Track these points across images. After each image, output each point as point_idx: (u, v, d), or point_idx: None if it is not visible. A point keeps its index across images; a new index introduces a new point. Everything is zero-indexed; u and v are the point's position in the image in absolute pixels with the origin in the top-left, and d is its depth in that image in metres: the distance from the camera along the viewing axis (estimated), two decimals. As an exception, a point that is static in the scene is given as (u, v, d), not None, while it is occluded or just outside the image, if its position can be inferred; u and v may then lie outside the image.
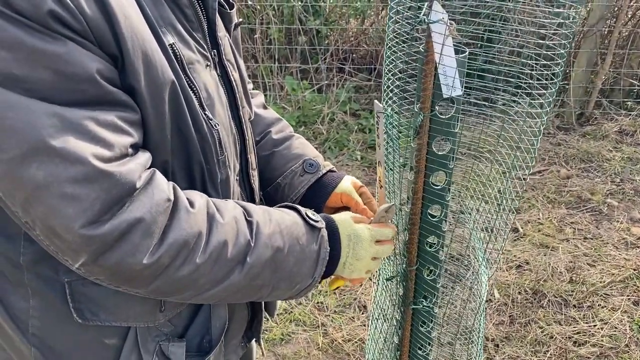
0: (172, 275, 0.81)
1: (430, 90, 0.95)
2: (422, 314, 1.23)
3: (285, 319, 2.78)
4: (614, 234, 3.35)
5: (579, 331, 2.69)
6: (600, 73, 4.55)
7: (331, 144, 4.33)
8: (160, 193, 0.78)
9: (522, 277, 3.02)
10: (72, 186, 0.70)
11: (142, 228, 0.75)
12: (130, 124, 0.77)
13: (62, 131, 0.69)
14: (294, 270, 0.94)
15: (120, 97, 0.76)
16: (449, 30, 0.87)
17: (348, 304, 2.88)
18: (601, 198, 3.68)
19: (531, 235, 3.33)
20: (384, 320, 1.38)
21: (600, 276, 3.02)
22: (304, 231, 0.96)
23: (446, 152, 1.03)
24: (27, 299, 0.90)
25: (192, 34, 0.90)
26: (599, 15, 4.36)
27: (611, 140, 4.36)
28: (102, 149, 0.72)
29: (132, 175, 0.75)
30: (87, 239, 0.72)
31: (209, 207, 0.86)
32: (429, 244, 1.15)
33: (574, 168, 4.06)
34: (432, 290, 1.20)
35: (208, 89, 0.91)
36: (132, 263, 0.76)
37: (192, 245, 0.81)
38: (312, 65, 4.85)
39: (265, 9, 4.68)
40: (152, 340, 0.97)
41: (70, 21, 0.69)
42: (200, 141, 0.89)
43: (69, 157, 0.69)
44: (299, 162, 1.20)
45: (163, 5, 0.85)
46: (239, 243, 0.86)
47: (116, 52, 0.75)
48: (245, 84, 1.12)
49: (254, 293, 0.93)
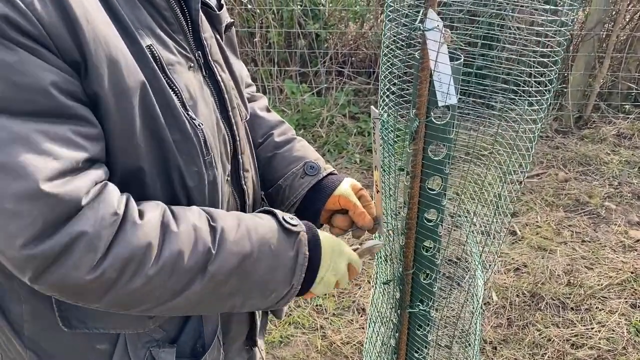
0: (123, 288, 0.78)
1: (426, 97, 0.96)
2: (419, 317, 1.24)
3: (284, 321, 2.79)
4: (611, 237, 3.36)
5: (576, 334, 2.70)
6: (599, 77, 4.57)
7: (330, 147, 4.34)
8: (107, 207, 0.76)
9: (520, 280, 3.03)
10: (14, 202, 0.68)
11: (85, 242, 0.73)
12: (86, 138, 0.75)
13: (9, 145, 0.68)
14: (267, 278, 0.91)
15: (77, 111, 0.74)
16: (444, 38, 0.89)
17: (347, 307, 2.89)
18: (599, 201, 3.69)
19: (529, 238, 3.35)
20: (381, 323, 1.39)
21: (597, 279, 3.03)
22: (277, 236, 0.93)
23: (442, 158, 1.04)
24: (20, 304, 0.91)
25: (172, 36, 0.89)
26: (596, 19, 4.37)
27: (609, 143, 4.38)
28: (51, 163, 0.70)
29: (78, 192, 0.73)
30: (29, 256, 0.71)
31: (163, 216, 0.83)
32: (426, 248, 1.17)
33: (572, 171, 4.07)
34: (429, 294, 1.21)
35: (190, 90, 0.90)
36: (76, 277, 0.74)
37: (140, 257, 0.78)
38: (312, 69, 4.86)
39: (265, 13, 4.70)
40: (143, 346, 0.97)
41: (26, 27, 0.68)
42: (181, 142, 0.87)
43: (13, 173, 0.68)
44: (300, 164, 1.20)
45: (139, 9, 0.84)
46: (197, 251, 0.83)
47: (78, 58, 0.73)
48: (238, 84, 1.10)
49: (223, 303, 0.90)
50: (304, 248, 0.95)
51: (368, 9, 5.04)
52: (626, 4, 4.47)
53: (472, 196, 1.15)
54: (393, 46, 0.95)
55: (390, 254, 1.18)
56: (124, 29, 0.80)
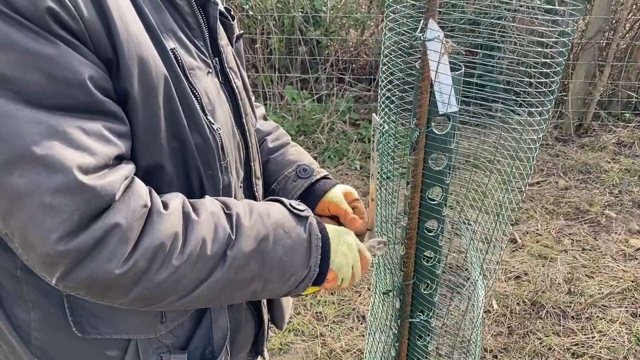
0: (152, 279, 0.79)
1: (426, 107, 0.96)
2: (419, 327, 1.23)
3: (284, 329, 2.78)
4: (612, 246, 3.35)
5: (577, 343, 2.69)
6: (599, 85, 4.58)
7: (330, 154, 4.34)
8: (137, 199, 0.77)
9: (520, 288, 3.02)
10: (52, 196, 0.69)
11: (118, 234, 0.74)
12: (117, 135, 0.76)
13: (47, 139, 0.68)
14: (285, 260, 0.92)
15: (110, 107, 0.75)
16: (444, 48, 0.88)
17: (347, 314, 2.88)
18: (599, 209, 3.69)
19: (530, 246, 3.34)
20: (381, 332, 1.39)
21: (598, 287, 3.02)
22: (289, 219, 0.94)
23: (442, 168, 1.04)
24: (28, 311, 0.90)
25: (194, 41, 0.91)
26: (597, 28, 4.38)
27: (609, 151, 4.38)
28: (86, 158, 0.71)
29: (113, 187, 0.74)
30: (64, 251, 0.71)
31: (184, 206, 0.84)
32: (426, 258, 1.16)
33: (572, 179, 4.07)
34: (429, 304, 1.21)
35: (209, 95, 0.92)
36: (108, 270, 0.74)
37: (168, 247, 0.79)
38: (312, 75, 4.87)
39: (266, 19, 4.71)
40: (154, 352, 0.97)
41: (68, 21, 0.69)
42: (201, 146, 0.89)
43: (52, 166, 0.68)
44: (293, 167, 1.20)
45: (164, 12, 0.86)
46: (218, 238, 0.84)
47: (111, 56, 0.74)
48: (248, 93, 1.13)
49: (245, 287, 0.90)
50: (315, 230, 0.96)
51: (369, 15, 5.05)
52: (626, 12, 4.48)
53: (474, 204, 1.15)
54: (392, 55, 0.95)
55: (390, 264, 1.18)
56: (151, 31, 0.81)
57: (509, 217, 1.05)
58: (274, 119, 4.71)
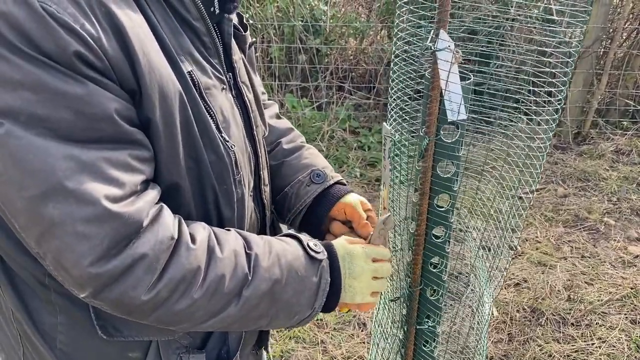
0: (170, 308, 0.84)
1: (436, 115, 0.98)
2: (426, 333, 1.25)
3: (284, 335, 2.79)
4: (611, 253, 3.38)
5: (577, 349, 2.71)
6: (597, 93, 4.61)
7: (331, 161, 4.36)
8: (165, 231, 0.81)
9: (520, 295, 3.04)
10: (84, 225, 0.74)
11: (145, 264, 0.79)
12: (142, 161, 0.81)
13: (78, 173, 0.73)
14: (293, 301, 0.96)
15: (135, 136, 0.80)
16: (454, 58, 0.90)
17: (348, 321, 2.89)
18: (598, 217, 3.71)
19: (529, 254, 3.36)
20: (385, 340, 1.40)
21: (598, 294, 3.04)
22: (304, 263, 0.97)
23: (450, 175, 1.06)
24: (55, 315, 0.94)
25: (209, 60, 0.94)
26: (594, 37, 4.43)
27: (607, 159, 4.41)
28: (114, 189, 0.76)
29: (140, 214, 0.78)
30: (94, 275, 0.76)
31: (210, 240, 0.88)
32: (433, 264, 1.18)
33: (571, 187, 4.10)
34: (436, 310, 1.22)
35: (224, 112, 0.95)
36: (133, 297, 0.80)
37: (189, 280, 0.83)
38: (312, 84, 4.90)
39: (266, 28, 4.74)
40: (173, 352, 1.00)
41: (94, 61, 0.73)
42: (216, 163, 0.92)
43: (83, 198, 0.73)
44: (307, 172, 1.22)
45: (182, 35, 0.88)
46: (237, 277, 0.89)
47: (135, 87, 0.78)
48: (259, 103, 1.15)
49: (252, 323, 0.95)
50: (326, 274, 1.00)
51: (368, 25, 5.09)
52: (623, 22, 4.53)
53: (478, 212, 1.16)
54: (402, 64, 0.97)
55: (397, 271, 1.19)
56: (169, 56, 0.84)
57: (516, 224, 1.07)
58: (273, 126, 4.73)
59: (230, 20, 1.00)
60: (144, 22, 0.81)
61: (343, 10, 5.18)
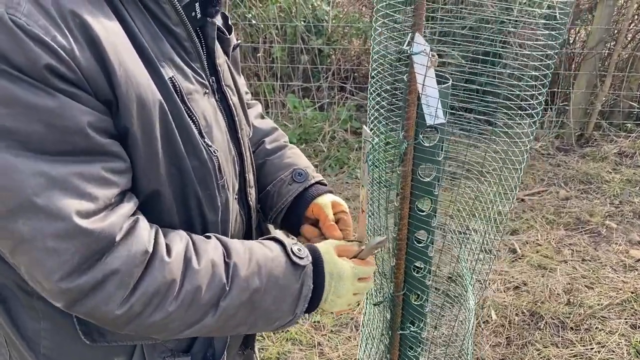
0: (145, 321, 0.83)
1: (414, 119, 0.97)
2: (410, 338, 1.24)
3: (281, 337, 2.78)
4: (612, 256, 3.34)
5: (576, 354, 2.68)
6: (600, 95, 4.58)
7: (331, 162, 4.35)
8: (139, 245, 0.80)
9: (519, 299, 3.01)
10: (54, 241, 0.74)
11: (117, 279, 0.78)
12: (117, 173, 0.80)
13: (48, 189, 0.72)
14: (272, 309, 0.95)
15: (110, 148, 0.79)
16: (430, 62, 0.89)
17: (345, 324, 2.88)
18: (600, 220, 3.68)
19: (529, 257, 3.33)
20: (373, 343, 1.39)
21: (598, 298, 3.01)
22: (285, 270, 0.96)
23: (431, 179, 1.05)
24: (39, 321, 0.94)
25: (190, 65, 0.93)
26: (598, 38, 4.39)
27: (610, 161, 4.37)
28: (86, 204, 0.75)
29: (113, 229, 0.78)
30: (64, 290, 0.76)
31: (187, 251, 0.88)
32: (416, 269, 1.17)
33: (573, 189, 4.07)
34: (420, 315, 1.21)
35: (206, 117, 0.94)
36: (106, 311, 0.80)
37: (163, 293, 0.83)
38: (314, 84, 4.89)
39: (269, 28, 4.74)
40: (158, 356, 1.00)
41: (66, 73, 0.72)
42: (199, 168, 0.91)
43: (53, 214, 0.73)
44: (289, 171, 1.22)
45: (162, 41, 0.88)
46: (213, 288, 0.88)
47: (111, 98, 0.77)
48: (244, 105, 1.15)
49: (230, 330, 0.95)
50: (309, 280, 0.99)
51: (371, 25, 5.07)
52: (627, 23, 4.49)
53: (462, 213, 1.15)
54: (380, 69, 0.96)
55: (381, 275, 1.18)
56: (149, 63, 0.84)
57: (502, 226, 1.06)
58: (275, 127, 4.72)
59: (213, 24, 1.00)
60: (120, 31, 0.80)
61: (346, 10, 5.17)
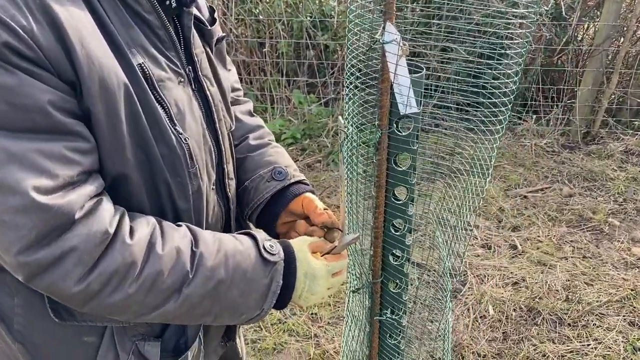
0: (104, 301, 0.85)
1: (387, 108, 0.99)
2: (388, 326, 1.25)
3: (279, 329, 2.81)
4: (613, 254, 3.33)
5: (572, 350, 2.68)
6: (607, 92, 4.54)
7: (335, 157, 4.37)
8: (99, 225, 0.82)
9: (517, 294, 3.02)
10: (11, 215, 0.75)
11: (75, 256, 0.80)
12: (80, 153, 0.81)
13: (6, 164, 0.74)
14: (239, 302, 0.97)
15: (72, 128, 0.80)
16: (401, 50, 0.91)
17: (342, 316, 2.90)
18: (603, 217, 3.66)
19: (529, 253, 3.33)
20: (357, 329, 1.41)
21: (597, 295, 3.00)
22: (254, 264, 0.98)
23: (406, 168, 1.06)
24: (12, 297, 0.97)
25: (165, 53, 0.95)
26: (605, 35, 4.36)
27: (616, 159, 4.34)
28: (45, 180, 0.77)
29: (72, 206, 0.79)
30: (22, 263, 0.78)
31: (152, 236, 0.89)
32: (394, 257, 1.18)
33: (576, 186, 4.05)
34: (398, 303, 1.22)
35: (179, 104, 0.95)
36: (63, 287, 0.81)
37: (123, 274, 0.84)
38: (320, 79, 4.91)
39: (275, 24, 4.76)
40: (129, 339, 1.02)
41: (25, 51, 0.74)
42: (168, 155, 0.93)
43: (10, 189, 0.75)
44: (269, 168, 1.22)
45: (133, 28, 0.90)
46: (176, 274, 0.89)
47: (74, 79, 0.79)
48: (225, 97, 1.15)
49: (195, 319, 0.97)
50: (278, 277, 1.00)
51: (377, 21, 5.07)
52: (635, 19, 4.45)
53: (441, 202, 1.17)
54: (355, 60, 0.97)
55: (360, 263, 1.20)
56: (117, 49, 0.85)
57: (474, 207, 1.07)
58: (280, 122, 4.75)
59: (190, 14, 1.01)
60: (86, 16, 0.82)
61: (352, 6, 5.17)
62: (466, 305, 2.97)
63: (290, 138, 4.58)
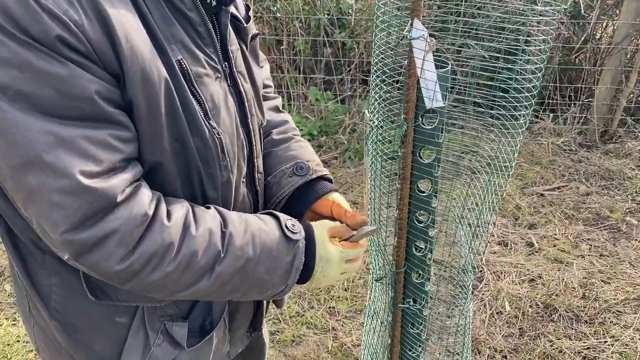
0: (144, 279, 0.91)
1: (414, 102, 1.02)
2: (411, 315, 1.29)
3: (297, 321, 2.86)
4: (631, 252, 3.33)
5: (588, 347, 2.69)
6: (625, 91, 4.52)
7: (351, 154, 4.40)
8: (139, 208, 0.87)
9: (534, 291, 3.03)
10: (58, 196, 0.81)
11: (117, 238, 0.85)
12: (123, 141, 0.86)
13: (56, 148, 0.79)
14: (265, 278, 1.02)
15: (116, 117, 0.85)
16: (428, 46, 0.94)
17: (359, 310, 2.94)
18: (620, 216, 3.66)
19: (546, 250, 3.34)
20: (378, 319, 1.44)
21: (614, 293, 3.01)
22: (278, 242, 1.03)
23: (431, 161, 1.09)
24: (50, 276, 1.03)
25: (204, 49, 0.98)
26: (624, 33, 4.34)
27: (634, 158, 4.33)
28: (90, 165, 0.82)
29: (114, 190, 0.84)
30: (68, 242, 0.83)
31: (186, 218, 0.94)
32: (418, 248, 1.22)
33: (594, 185, 4.04)
34: (421, 293, 1.26)
35: (214, 99, 0.99)
36: (106, 267, 0.87)
37: (162, 254, 0.90)
38: (337, 77, 4.94)
39: (293, 21, 4.80)
40: (158, 319, 1.08)
41: (76, 44, 0.79)
42: (201, 147, 0.97)
43: (58, 171, 0.80)
44: (291, 163, 1.25)
45: (174, 24, 0.94)
46: (209, 253, 0.95)
47: (119, 71, 0.84)
48: (258, 93, 1.19)
49: (225, 296, 1.03)
50: (300, 254, 1.06)
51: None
52: (655, 18, 4.42)
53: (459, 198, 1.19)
54: (382, 55, 1.01)
55: (383, 252, 1.23)
56: (158, 45, 0.90)
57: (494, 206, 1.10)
58: (297, 119, 4.79)
59: (227, 12, 1.05)
60: (131, 12, 0.86)
61: (370, 3, 5.20)
62: (482, 301, 2.99)
63: (307, 135, 4.62)
